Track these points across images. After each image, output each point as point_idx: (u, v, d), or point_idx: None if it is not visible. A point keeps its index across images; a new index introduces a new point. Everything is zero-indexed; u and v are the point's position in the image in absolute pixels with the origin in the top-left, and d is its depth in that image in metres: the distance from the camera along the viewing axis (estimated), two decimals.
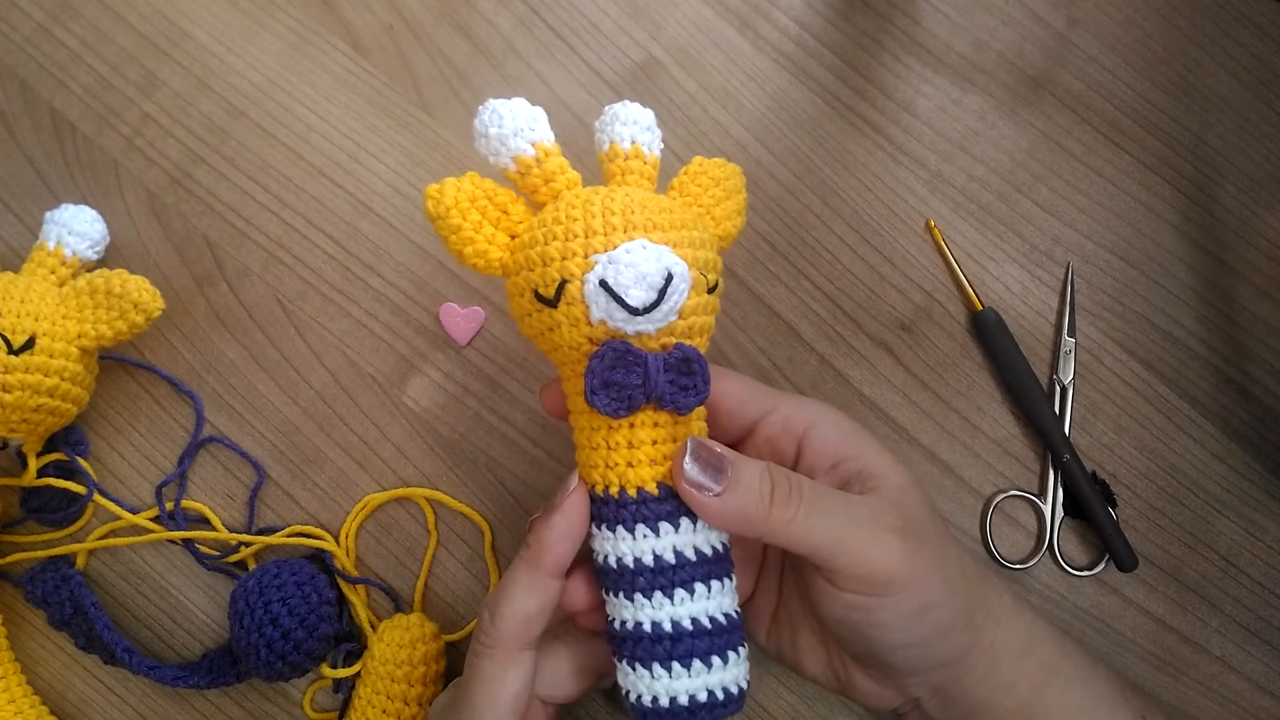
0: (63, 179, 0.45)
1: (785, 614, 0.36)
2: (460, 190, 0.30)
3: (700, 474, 0.29)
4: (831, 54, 0.45)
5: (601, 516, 0.31)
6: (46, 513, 0.41)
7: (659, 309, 0.28)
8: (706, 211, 0.33)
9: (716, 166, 0.34)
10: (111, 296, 0.38)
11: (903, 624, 0.30)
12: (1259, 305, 0.43)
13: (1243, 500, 0.42)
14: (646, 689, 0.30)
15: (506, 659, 0.31)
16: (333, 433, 0.42)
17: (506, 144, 0.31)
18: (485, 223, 0.31)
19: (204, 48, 0.46)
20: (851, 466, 0.33)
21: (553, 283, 0.29)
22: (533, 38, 0.46)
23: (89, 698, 0.41)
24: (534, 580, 0.31)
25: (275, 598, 0.37)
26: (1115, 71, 0.45)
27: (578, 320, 0.29)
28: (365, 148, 0.45)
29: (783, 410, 0.34)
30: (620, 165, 0.32)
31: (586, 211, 0.29)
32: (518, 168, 0.31)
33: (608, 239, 0.29)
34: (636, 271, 0.28)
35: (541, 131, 0.31)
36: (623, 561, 0.30)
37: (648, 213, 0.29)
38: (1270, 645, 0.41)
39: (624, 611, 0.30)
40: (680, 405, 0.30)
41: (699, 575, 0.30)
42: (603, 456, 0.31)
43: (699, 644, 0.30)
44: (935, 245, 0.43)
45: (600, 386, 0.29)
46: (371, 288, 0.43)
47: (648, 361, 0.29)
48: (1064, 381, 0.42)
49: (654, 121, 0.33)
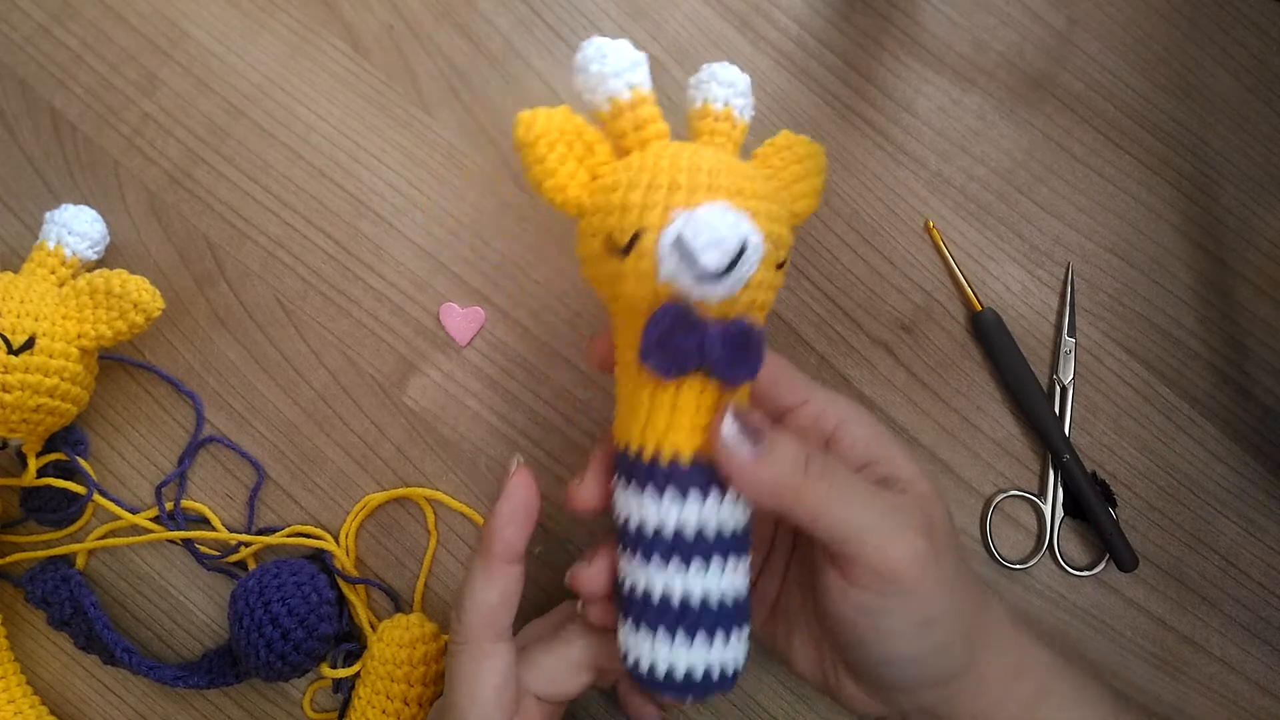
0: (63, 179, 0.45)
1: (784, 606, 0.36)
2: (551, 121, 0.30)
3: (739, 436, 0.29)
4: (831, 54, 0.45)
5: (631, 475, 0.30)
6: (46, 513, 0.41)
7: (729, 276, 0.27)
8: (786, 187, 0.32)
9: (803, 144, 0.33)
10: (111, 296, 0.38)
11: (905, 634, 0.30)
12: (1259, 305, 0.43)
13: (1243, 500, 0.42)
14: (646, 653, 0.29)
15: (479, 654, 0.31)
16: (333, 433, 0.42)
17: (606, 83, 0.30)
18: (570, 157, 0.30)
19: (204, 48, 0.46)
20: (880, 470, 0.32)
21: (628, 231, 0.28)
22: (533, 38, 0.46)
23: (89, 698, 0.41)
24: (489, 569, 0.31)
25: (275, 598, 0.37)
26: (1115, 71, 0.45)
27: (645, 275, 0.28)
28: (365, 148, 0.45)
29: (816, 403, 0.34)
30: (710, 125, 0.32)
31: (674, 165, 0.29)
32: (611, 109, 0.30)
33: (690, 196, 0.28)
34: (714, 234, 0.27)
35: (641, 76, 0.30)
36: (645, 523, 0.30)
37: (733, 177, 0.29)
38: (1270, 645, 0.41)
39: (638, 574, 0.30)
40: (730, 377, 0.29)
41: (717, 550, 0.30)
42: (644, 414, 0.30)
43: (705, 618, 0.29)
44: (934, 246, 0.43)
45: (655, 346, 0.28)
46: (371, 288, 0.43)
47: (708, 328, 0.28)
48: (1064, 381, 0.42)
49: (750, 88, 0.33)
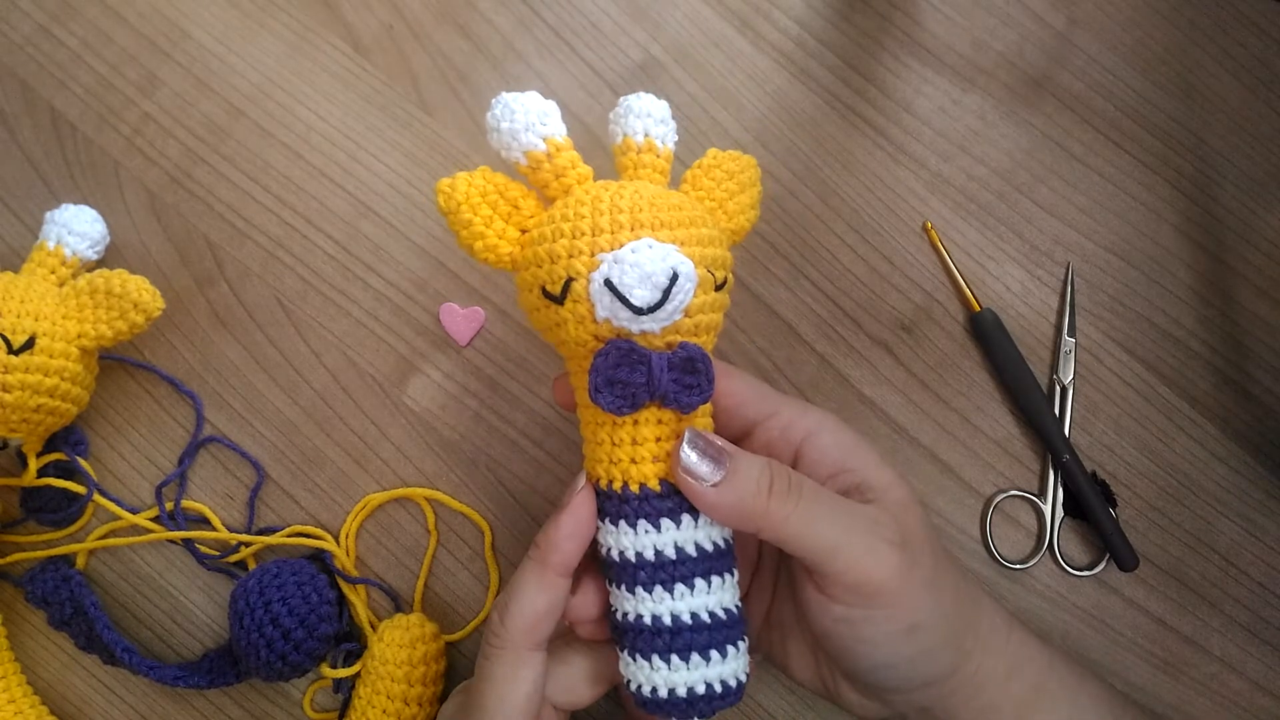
0: (63, 179, 0.45)
1: (777, 617, 0.36)
2: (471, 185, 0.30)
3: (698, 463, 0.29)
4: (831, 54, 0.45)
5: (605, 511, 0.31)
6: (46, 513, 0.41)
7: (663, 308, 0.28)
8: (720, 205, 0.33)
9: (731, 159, 0.33)
10: (111, 296, 0.38)
11: (889, 641, 0.30)
12: (1259, 305, 0.43)
13: (1243, 500, 0.42)
14: (646, 679, 0.30)
15: (517, 660, 0.30)
16: (333, 433, 0.42)
17: (518, 139, 0.30)
18: (496, 218, 0.31)
19: (204, 48, 0.46)
20: (850, 479, 0.32)
21: (559, 280, 0.29)
22: (533, 38, 0.46)
23: (89, 698, 0.41)
24: (542, 579, 0.31)
25: (275, 598, 0.37)
26: (1115, 71, 0.45)
27: (583, 318, 0.29)
28: (365, 148, 0.45)
29: (783, 416, 0.34)
30: (633, 159, 0.32)
31: (594, 209, 0.29)
32: (529, 162, 0.31)
33: (614, 237, 0.29)
34: (641, 271, 0.28)
35: (553, 126, 0.31)
36: (625, 555, 0.30)
37: (655, 210, 0.29)
38: (1270, 645, 0.41)
39: (626, 604, 0.30)
40: (684, 404, 0.30)
41: (700, 570, 0.30)
42: (607, 452, 0.31)
43: (699, 638, 0.30)
44: (933, 247, 0.43)
45: (604, 385, 0.29)
46: (371, 288, 0.43)
47: (651, 360, 0.29)
48: (1064, 381, 0.42)
49: (668, 114, 0.33)
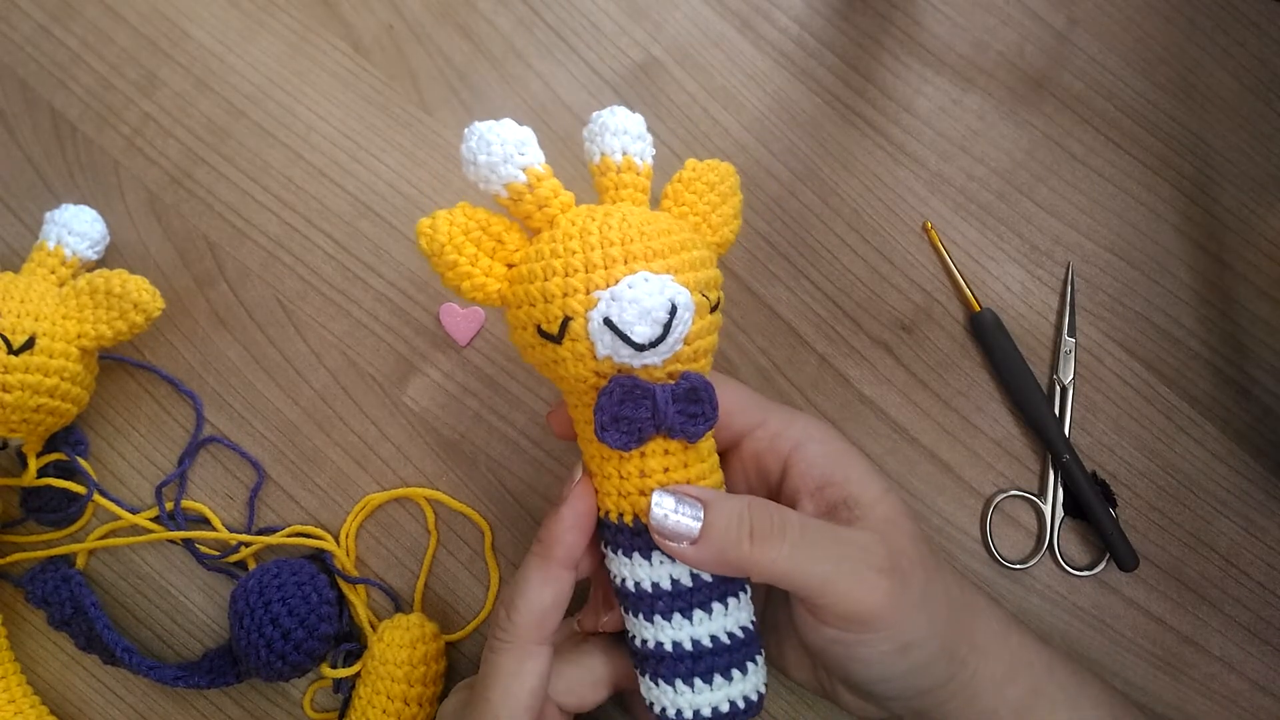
0: (63, 179, 0.45)
1: (772, 622, 0.36)
2: (453, 223, 0.29)
3: (673, 524, 0.29)
4: (831, 54, 0.45)
5: (617, 543, 0.31)
6: (46, 513, 0.41)
7: (665, 342, 0.28)
8: (703, 219, 0.32)
9: (710, 170, 0.32)
10: (111, 296, 0.38)
11: (883, 660, 0.30)
12: (1259, 305, 0.43)
13: (1243, 500, 0.42)
14: (670, 703, 0.30)
15: (523, 654, 0.31)
16: (333, 433, 0.42)
17: (496, 171, 0.29)
18: (481, 255, 0.30)
19: (204, 48, 0.46)
20: (837, 492, 0.32)
21: (555, 320, 0.28)
22: (533, 38, 0.46)
23: (89, 698, 0.41)
24: (547, 572, 0.31)
25: (275, 598, 0.37)
26: (1115, 71, 0.45)
27: (583, 356, 0.28)
28: (365, 148, 0.45)
29: (771, 425, 0.34)
30: (613, 179, 0.31)
31: (584, 242, 0.28)
32: (510, 195, 0.29)
33: (609, 273, 0.28)
34: (640, 308, 0.27)
35: (531, 155, 0.29)
36: (640, 586, 0.30)
37: (646, 239, 0.28)
38: (1270, 645, 0.41)
39: (644, 631, 0.31)
40: (690, 433, 0.29)
41: (715, 595, 0.30)
42: (615, 485, 0.30)
43: (719, 660, 0.30)
44: (933, 247, 0.43)
45: (610, 422, 0.29)
46: (371, 288, 0.43)
47: (656, 394, 0.28)
48: (1064, 381, 0.42)
49: (644, 128, 0.32)
